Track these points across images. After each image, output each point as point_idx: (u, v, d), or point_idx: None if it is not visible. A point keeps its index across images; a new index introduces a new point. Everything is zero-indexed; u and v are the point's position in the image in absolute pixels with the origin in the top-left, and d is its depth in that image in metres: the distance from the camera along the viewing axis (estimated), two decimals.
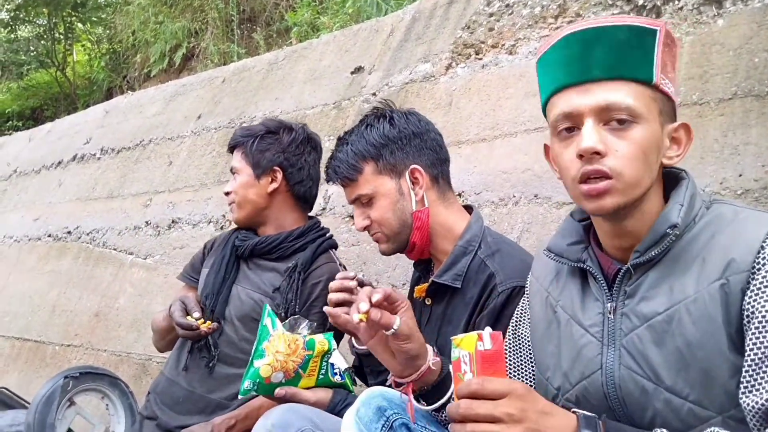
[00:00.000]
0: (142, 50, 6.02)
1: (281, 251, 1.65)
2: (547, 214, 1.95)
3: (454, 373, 0.84)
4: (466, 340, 0.83)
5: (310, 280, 1.61)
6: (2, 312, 3.80)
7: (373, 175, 1.35)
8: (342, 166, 1.37)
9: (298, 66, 3.33)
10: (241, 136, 1.71)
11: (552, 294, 1.04)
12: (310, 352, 1.28)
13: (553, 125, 0.93)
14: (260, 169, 1.68)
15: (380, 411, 0.97)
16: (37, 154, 4.76)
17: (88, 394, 2.49)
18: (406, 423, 0.96)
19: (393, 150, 1.34)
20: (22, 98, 7.77)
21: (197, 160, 3.39)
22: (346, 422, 1.00)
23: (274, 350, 1.24)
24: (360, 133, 1.37)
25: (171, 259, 3.08)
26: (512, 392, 0.79)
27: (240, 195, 1.68)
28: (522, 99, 2.22)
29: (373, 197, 1.35)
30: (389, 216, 1.33)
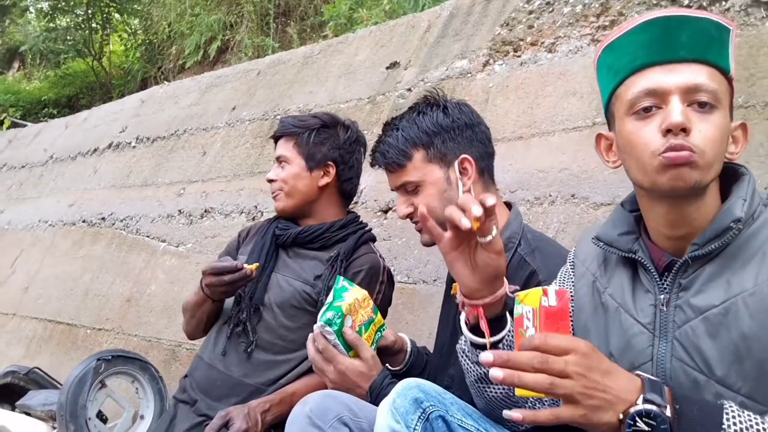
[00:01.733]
0: (177, 42, 6.09)
1: (323, 241, 1.67)
2: (584, 214, 1.93)
3: (516, 329, 0.83)
4: (531, 296, 0.82)
5: (352, 269, 1.63)
6: (36, 294, 3.88)
7: (422, 163, 1.34)
8: (391, 151, 1.35)
9: (333, 60, 3.34)
10: (295, 126, 1.71)
11: (599, 280, 1.03)
12: (375, 315, 1.30)
13: (630, 104, 0.92)
14: (314, 162, 1.70)
15: (417, 402, 0.97)
16: (73, 141, 4.85)
17: (119, 377, 2.54)
18: (443, 415, 0.95)
19: (445, 139, 1.33)
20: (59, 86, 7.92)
21: (231, 151, 3.42)
22: (381, 412, 0.99)
23: (353, 297, 1.27)
24: (411, 119, 1.36)
25: (203, 247, 3.12)
26: (576, 350, 0.78)
27: (290, 185, 1.69)
28: (561, 97, 2.20)
29: (420, 185, 1.34)
30: (435, 205, 1.32)
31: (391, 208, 2.54)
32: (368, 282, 1.61)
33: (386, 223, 2.51)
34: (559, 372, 0.78)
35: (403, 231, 2.41)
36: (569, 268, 1.12)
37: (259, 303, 1.62)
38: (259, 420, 1.41)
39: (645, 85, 0.91)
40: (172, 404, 1.66)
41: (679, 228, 0.93)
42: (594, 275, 1.05)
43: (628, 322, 0.96)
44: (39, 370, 2.85)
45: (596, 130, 2.06)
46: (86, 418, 2.32)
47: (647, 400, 0.78)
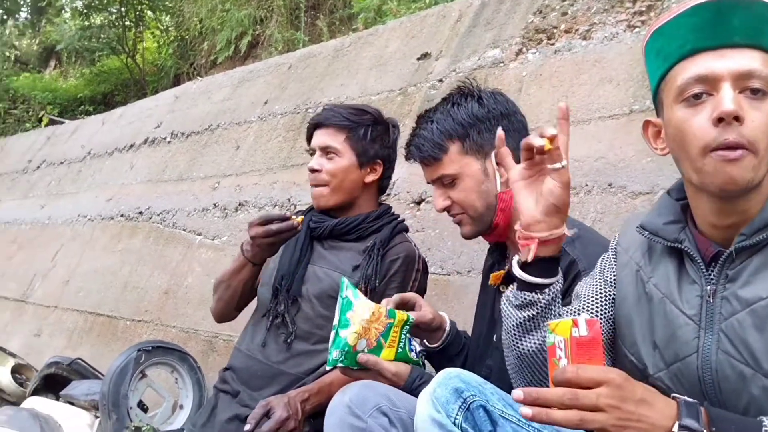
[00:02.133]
0: (208, 38, 6.16)
1: (359, 232, 1.68)
2: (621, 204, 1.90)
3: (549, 358, 0.83)
4: (561, 326, 0.82)
5: (389, 257, 1.64)
6: (76, 287, 3.99)
7: (458, 155, 1.33)
8: (426, 145, 1.34)
9: (364, 52, 3.34)
10: (348, 120, 1.69)
11: (644, 269, 1.01)
12: (392, 320, 1.28)
13: (679, 91, 0.90)
14: (366, 158, 1.70)
15: (457, 392, 0.96)
16: (109, 137, 4.95)
17: (159, 368, 2.60)
18: (484, 405, 0.95)
19: (481, 130, 1.32)
20: (94, 83, 8.07)
21: (264, 145, 3.45)
22: (421, 402, 1.00)
23: (359, 318, 1.25)
24: (446, 111, 1.35)
25: (238, 240, 3.15)
26: (609, 381, 0.77)
27: (339, 179, 1.67)
28: (596, 85, 2.16)
29: (456, 178, 1.33)
30: (473, 197, 1.32)
31: (424, 199, 2.54)
32: (405, 270, 1.63)
33: (419, 215, 2.51)
34: (591, 407, 0.77)
35: (436, 222, 2.41)
36: (611, 256, 1.10)
37: (296, 295, 1.64)
38: (299, 409, 1.43)
39: (695, 71, 0.88)
40: (213, 394, 1.69)
41: (728, 217, 0.91)
42: (638, 264, 1.03)
43: (674, 313, 0.94)
44: (81, 360, 2.93)
45: (633, 118, 2.04)
46: (128, 408, 2.37)
47: (683, 427, 0.77)
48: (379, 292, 1.59)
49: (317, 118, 1.74)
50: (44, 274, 4.40)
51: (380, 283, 1.60)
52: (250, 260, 1.67)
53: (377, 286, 1.59)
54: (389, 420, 1.07)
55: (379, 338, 1.26)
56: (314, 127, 1.74)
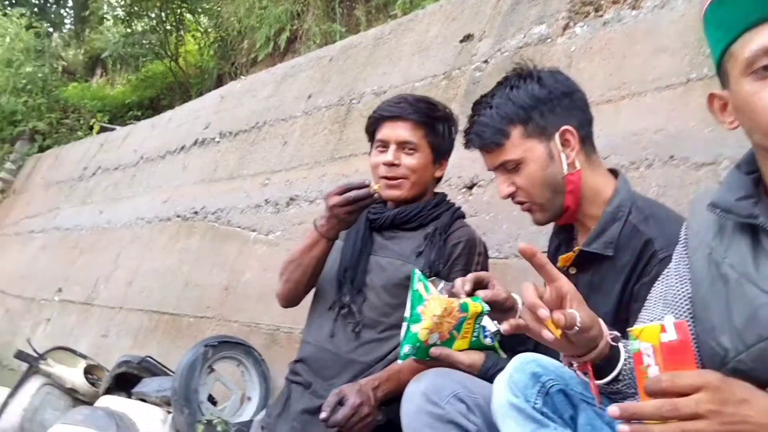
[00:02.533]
0: (248, 36, 6.23)
1: (420, 220, 1.69)
2: (685, 176, 1.84)
3: (636, 366, 0.81)
4: (647, 332, 0.79)
5: (451, 242, 1.65)
6: (140, 288, 4.13)
7: (521, 139, 1.29)
8: (487, 131, 1.31)
9: (404, 39, 3.32)
10: (429, 116, 1.69)
11: (716, 250, 0.97)
12: (465, 314, 1.27)
13: (747, 63, 0.86)
14: (440, 155, 1.73)
15: (535, 377, 0.96)
16: (160, 141, 5.08)
17: (226, 362, 2.67)
18: (563, 389, 0.94)
19: (543, 112, 1.29)
20: (140, 89, 8.28)
21: (310, 139, 3.48)
22: (498, 388, 1.00)
23: (430, 313, 1.24)
24: (505, 95, 1.32)
25: (291, 234, 3.20)
26: (706, 385, 0.74)
27: (418, 175, 1.69)
28: (650, 56, 2.10)
29: (520, 162, 1.29)
30: (539, 182, 1.28)
31: (475, 184, 2.52)
32: (467, 253, 1.64)
33: (472, 200, 2.49)
34: (691, 415, 0.74)
35: (490, 206, 2.39)
36: (681, 245, 1.06)
37: (361, 285, 1.66)
38: (371, 396, 1.45)
39: (763, 43, 0.84)
40: (286, 385, 1.72)
41: None
42: (710, 246, 0.99)
43: (753, 293, 0.89)
44: (150, 358, 3.04)
45: (691, 87, 1.97)
46: (198, 402, 2.45)
47: None
48: (443, 276, 1.59)
49: (390, 110, 1.71)
50: (107, 277, 4.56)
51: (444, 267, 1.61)
52: (324, 235, 1.65)
53: (441, 270, 1.60)
54: (467, 406, 1.08)
55: (452, 331, 1.26)
56: (384, 118, 1.72)
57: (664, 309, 1.03)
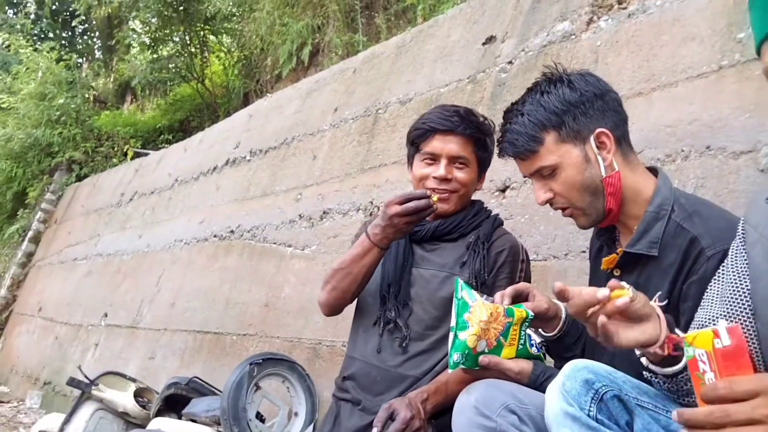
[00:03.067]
0: (270, 53, 6.30)
1: (461, 230, 1.70)
2: (723, 166, 1.80)
3: (692, 372, 0.80)
4: (701, 338, 0.78)
5: (494, 250, 1.65)
6: (183, 308, 4.20)
7: (555, 145, 1.28)
8: (520, 139, 1.30)
9: (427, 45, 3.33)
10: (480, 131, 1.70)
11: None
12: (511, 319, 1.27)
13: None
14: (483, 169, 1.75)
15: (588, 384, 0.95)
16: (193, 162, 5.17)
17: (271, 379, 2.70)
18: (618, 395, 0.93)
19: (576, 115, 1.27)
20: (170, 112, 8.45)
21: (339, 152, 3.51)
22: (551, 397, 0.99)
23: (477, 320, 1.24)
24: (536, 101, 1.30)
25: (327, 248, 3.23)
26: (765, 390, 0.73)
27: (467, 189, 1.71)
28: (679, 45, 2.06)
29: (556, 168, 1.28)
30: (578, 186, 1.27)
31: (508, 186, 2.50)
32: (512, 261, 1.64)
33: (505, 203, 2.48)
34: (746, 421, 0.73)
35: (524, 208, 2.37)
36: (739, 240, 1.04)
37: (406, 299, 1.66)
38: (421, 409, 1.45)
39: None
40: (333, 402, 1.73)
41: None
42: None
43: None
44: (198, 379, 3.09)
45: (724, 74, 1.93)
46: (247, 420, 2.48)
47: None
48: (489, 285, 1.59)
49: (443, 123, 1.68)
50: (151, 300, 4.66)
51: (489, 276, 1.61)
52: (377, 244, 1.62)
53: (486, 279, 1.60)
54: (519, 418, 1.07)
55: (499, 338, 1.25)
56: (435, 131, 1.69)
57: (722, 306, 1.01)
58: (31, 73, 8.46)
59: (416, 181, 1.74)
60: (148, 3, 7.24)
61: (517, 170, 2.42)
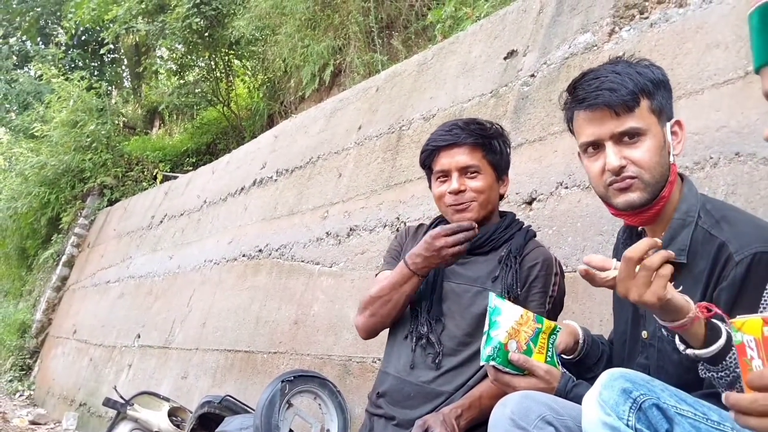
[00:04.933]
0: (293, 75, 6.41)
1: (493, 243, 1.69)
2: (754, 172, 1.78)
3: (740, 357, 0.80)
4: (750, 324, 0.78)
5: (527, 263, 1.64)
6: (213, 328, 4.25)
7: (648, 112, 1.23)
8: (622, 90, 1.21)
9: (448, 62, 3.36)
10: (483, 136, 1.70)
11: None
12: (540, 325, 1.29)
13: None
14: (501, 171, 1.74)
15: (626, 393, 0.94)
16: (221, 184, 5.26)
17: (303, 396, 2.71)
18: (656, 403, 0.92)
19: (664, 95, 1.27)
20: (197, 136, 8.63)
21: (364, 169, 3.54)
22: (588, 407, 0.98)
23: (508, 320, 1.27)
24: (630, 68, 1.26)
25: (354, 264, 3.25)
26: None
27: (486, 195, 1.69)
28: (703, 52, 2.05)
29: (643, 135, 1.22)
30: (655, 160, 1.23)
31: (534, 198, 2.50)
32: (545, 275, 1.63)
33: (532, 215, 2.47)
34: None
35: (552, 220, 2.37)
36: None
37: (438, 315, 1.66)
38: (455, 425, 1.45)
39: None
40: (367, 417, 1.73)
41: None
42: None
43: None
44: (231, 397, 3.11)
45: (750, 80, 1.92)
46: None
47: None
48: (522, 299, 1.59)
49: (444, 138, 1.70)
50: (182, 320, 4.72)
51: (522, 290, 1.60)
52: (417, 272, 1.63)
53: (519, 294, 1.60)
54: (555, 429, 1.06)
55: (529, 342, 1.27)
56: (439, 148, 1.71)
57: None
58: (63, 102, 8.71)
59: (437, 201, 1.76)
60: (174, 30, 7.42)
61: (543, 182, 2.46)
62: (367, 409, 1.74)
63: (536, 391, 1.17)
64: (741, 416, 0.75)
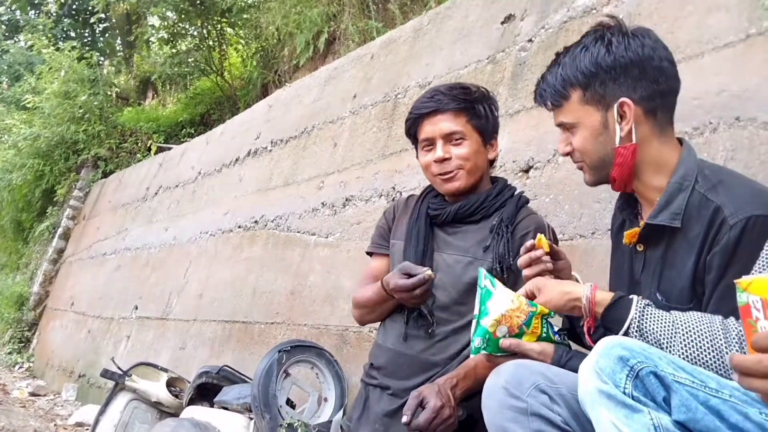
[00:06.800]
0: (287, 43, 6.29)
1: (483, 212, 1.65)
2: (754, 137, 1.75)
3: (744, 319, 0.77)
4: (757, 284, 0.76)
5: (519, 232, 1.61)
6: (210, 299, 4.25)
7: (578, 104, 1.27)
8: (548, 90, 1.31)
9: (444, 27, 3.29)
10: (464, 101, 1.66)
11: None
12: (534, 309, 1.27)
13: None
14: (488, 135, 1.69)
15: (622, 361, 0.93)
16: (215, 155, 5.21)
17: (300, 365, 2.72)
18: (653, 371, 0.91)
19: (604, 80, 1.24)
20: (191, 106, 8.51)
21: (359, 138, 3.50)
22: (584, 375, 0.97)
23: (498, 307, 1.25)
24: (573, 55, 1.28)
25: (350, 235, 3.23)
26: None
27: (472, 162, 1.65)
28: (704, 15, 2.01)
29: (574, 126, 1.29)
30: (589, 148, 1.28)
31: (531, 167, 2.47)
32: None
33: (529, 183, 2.45)
34: None
35: (549, 188, 2.34)
36: None
37: None
38: (450, 395, 1.44)
39: None
40: (362, 387, 1.73)
41: None
42: None
43: None
44: (228, 367, 3.13)
45: (752, 43, 1.87)
46: (278, 407, 2.51)
47: None
48: (515, 269, 1.56)
49: (426, 106, 1.67)
50: (179, 291, 4.72)
51: (514, 260, 1.57)
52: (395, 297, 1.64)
53: (512, 264, 1.57)
54: (550, 397, 1.05)
55: (522, 326, 1.26)
56: (422, 116, 1.68)
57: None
58: (54, 73, 8.58)
59: (424, 170, 1.73)
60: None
61: (540, 150, 2.42)
62: (362, 379, 1.73)
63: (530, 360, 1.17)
64: (745, 378, 0.74)
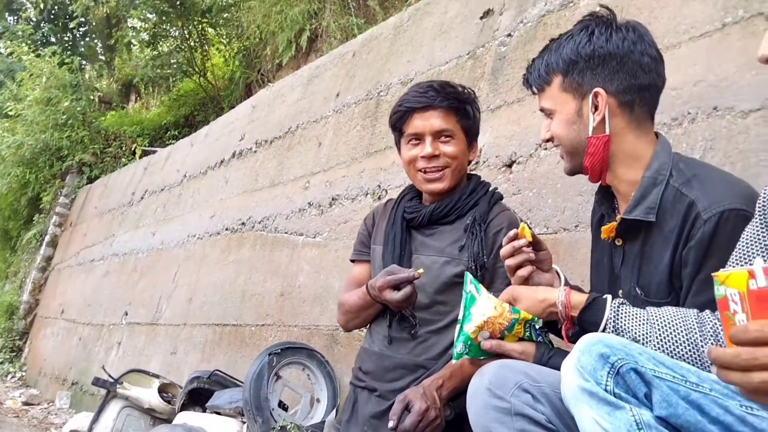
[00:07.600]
0: (269, 42, 6.26)
1: (458, 211, 1.66)
2: (732, 126, 1.77)
3: (722, 312, 0.78)
4: (734, 277, 0.76)
5: (492, 230, 1.62)
6: (200, 303, 4.24)
7: (558, 91, 1.30)
8: (534, 74, 1.35)
9: (424, 24, 3.28)
10: (459, 100, 1.66)
11: None
12: (516, 315, 1.27)
13: None
14: (472, 136, 1.71)
15: (603, 358, 0.93)
16: (200, 157, 5.18)
17: (291, 367, 2.72)
18: (634, 367, 0.91)
19: (582, 69, 1.26)
20: (174, 108, 8.44)
21: (344, 137, 3.49)
22: (566, 373, 0.98)
23: (481, 314, 1.26)
24: (560, 42, 1.31)
25: (338, 234, 3.23)
26: None
27: (459, 161, 1.66)
28: (680, 5, 2.01)
29: (552, 113, 1.32)
30: (564, 135, 1.31)
31: (514, 161, 2.48)
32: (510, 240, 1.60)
33: (513, 177, 2.45)
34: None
35: (532, 182, 2.35)
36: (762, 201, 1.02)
37: None
38: (436, 397, 1.44)
39: None
40: (351, 390, 1.74)
41: None
42: None
43: None
44: (219, 372, 3.12)
45: (728, 32, 1.88)
46: (270, 410, 2.51)
47: None
48: (489, 268, 1.57)
49: (419, 100, 1.65)
50: (168, 296, 4.70)
51: (489, 258, 1.58)
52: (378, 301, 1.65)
53: (486, 262, 1.57)
54: (532, 396, 1.06)
55: (504, 332, 1.27)
56: (413, 110, 1.66)
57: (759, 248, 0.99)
58: (36, 79, 8.48)
59: (406, 165, 1.71)
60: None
61: (523, 144, 2.43)
62: (351, 382, 1.74)
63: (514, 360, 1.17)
64: (723, 371, 0.74)
